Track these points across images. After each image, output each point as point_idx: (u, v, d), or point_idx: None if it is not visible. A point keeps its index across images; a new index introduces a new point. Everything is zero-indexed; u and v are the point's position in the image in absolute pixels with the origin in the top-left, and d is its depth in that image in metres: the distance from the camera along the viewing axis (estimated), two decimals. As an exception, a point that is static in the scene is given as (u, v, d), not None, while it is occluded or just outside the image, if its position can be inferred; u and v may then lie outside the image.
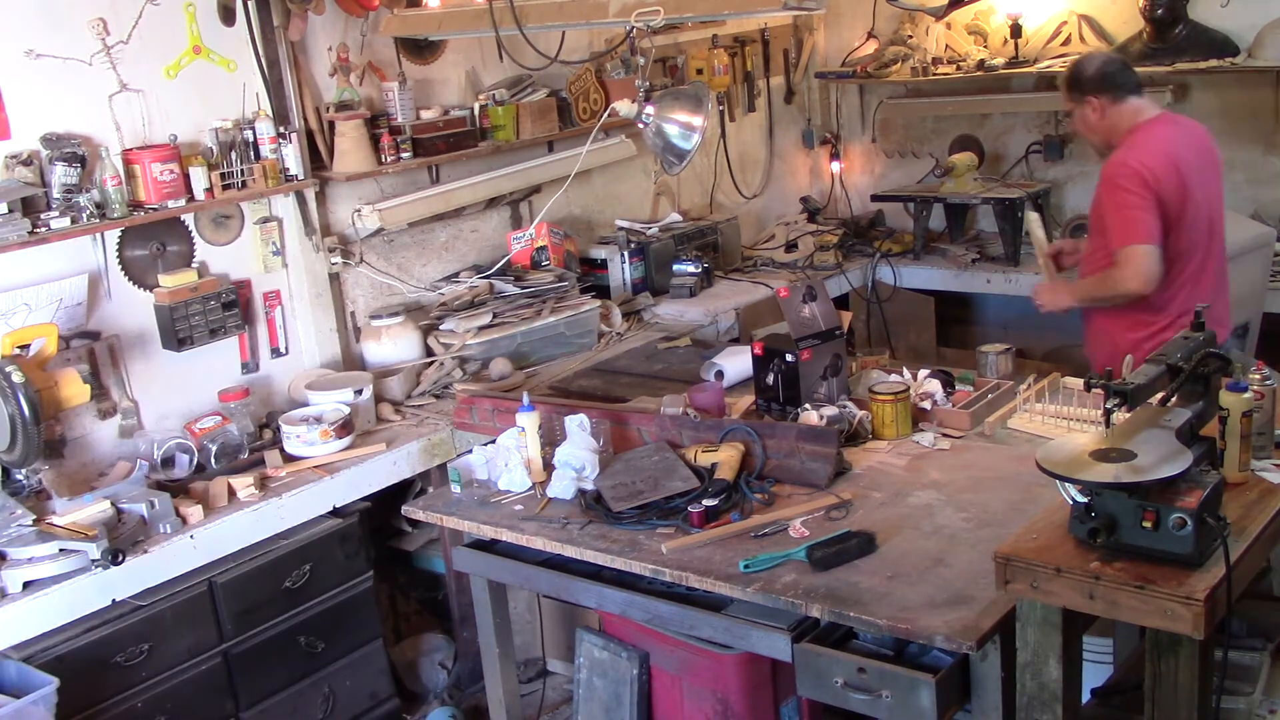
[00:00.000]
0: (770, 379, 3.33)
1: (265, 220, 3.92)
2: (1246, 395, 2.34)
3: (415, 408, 3.96)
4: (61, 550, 2.96)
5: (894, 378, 3.41)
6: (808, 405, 3.25)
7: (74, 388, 3.20)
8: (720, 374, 3.72)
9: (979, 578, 2.40)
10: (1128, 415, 2.33)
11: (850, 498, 2.86)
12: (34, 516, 3.09)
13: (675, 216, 5.33)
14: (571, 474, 3.03)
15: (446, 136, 4.27)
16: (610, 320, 4.52)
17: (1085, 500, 2.14)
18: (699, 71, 5.34)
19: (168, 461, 3.45)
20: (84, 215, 3.33)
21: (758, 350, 3.37)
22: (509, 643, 3.29)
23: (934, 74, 5.63)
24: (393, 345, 4.12)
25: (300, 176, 3.88)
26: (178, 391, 3.70)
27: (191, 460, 3.48)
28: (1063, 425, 3.11)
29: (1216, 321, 3.38)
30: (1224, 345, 3.02)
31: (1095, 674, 3.06)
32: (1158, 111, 3.70)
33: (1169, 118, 3.70)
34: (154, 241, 3.64)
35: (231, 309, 3.73)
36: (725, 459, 2.99)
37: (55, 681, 2.78)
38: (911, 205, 5.60)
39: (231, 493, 3.36)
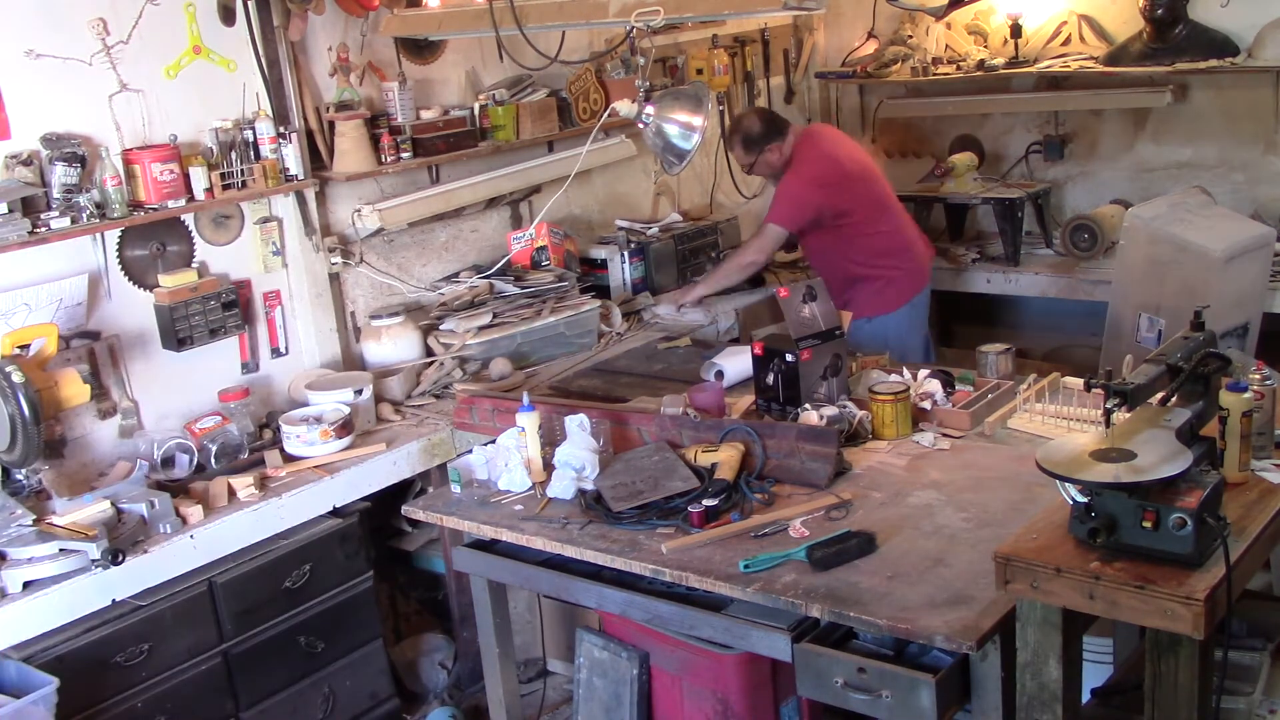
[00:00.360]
0: (770, 379, 3.33)
1: (265, 220, 3.92)
2: (1246, 395, 2.35)
3: (415, 408, 3.95)
4: (61, 550, 2.96)
5: (894, 378, 3.41)
6: (808, 405, 3.25)
7: (74, 388, 3.20)
8: (720, 374, 3.72)
9: (979, 578, 2.40)
10: (1128, 415, 2.33)
11: (850, 498, 2.86)
12: (34, 516, 3.09)
13: (675, 216, 5.33)
14: (571, 474, 3.03)
15: (446, 136, 4.27)
16: (610, 320, 4.53)
17: (1085, 500, 2.14)
18: (699, 71, 5.34)
19: (168, 461, 3.45)
20: (84, 215, 3.33)
21: (758, 350, 3.37)
22: (509, 643, 3.29)
23: (934, 74, 5.63)
24: (393, 345, 4.12)
25: (300, 176, 3.88)
26: (178, 391, 3.70)
27: (191, 460, 3.48)
28: (1063, 425, 3.11)
29: (919, 271, 4.63)
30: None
31: (1095, 674, 3.06)
32: (799, 132, 4.61)
33: (811, 132, 4.71)
34: (154, 241, 3.64)
35: (231, 309, 3.73)
36: (725, 459, 2.99)
37: (55, 681, 2.78)
38: (911, 205, 5.59)
39: (231, 493, 3.36)
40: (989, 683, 2.32)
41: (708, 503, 2.81)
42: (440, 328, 4.22)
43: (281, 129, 3.82)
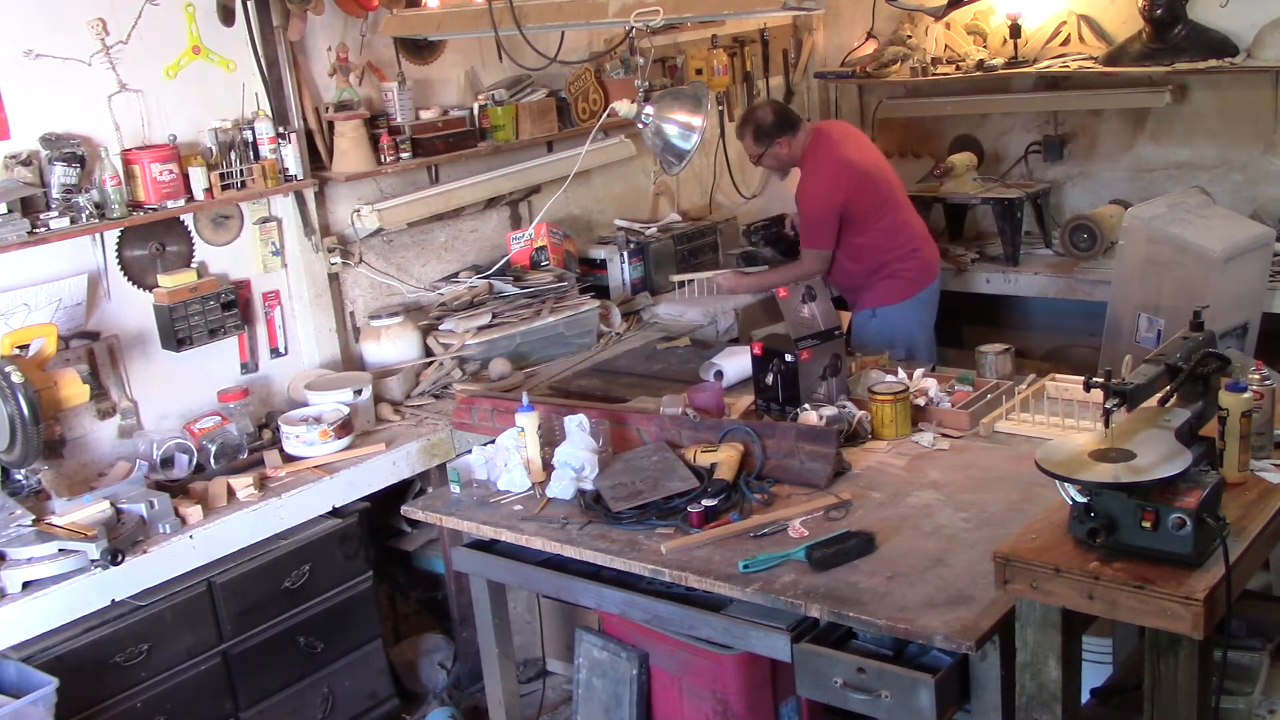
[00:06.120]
0: (770, 379, 3.33)
1: (265, 220, 3.91)
2: (1246, 395, 2.35)
3: (415, 408, 3.95)
4: (61, 550, 2.96)
5: (892, 378, 3.41)
6: (807, 405, 3.25)
7: (73, 388, 3.20)
8: (720, 374, 3.72)
9: (978, 578, 2.40)
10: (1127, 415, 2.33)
11: (850, 498, 2.86)
12: (34, 516, 3.09)
13: (674, 216, 5.33)
14: (571, 474, 3.03)
15: (446, 136, 4.27)
16: (609, 320, 4.53)
17: (1085, 500, 2.14)
18: (698, 71, 5.34)
19: (167, 461, 3.45)
20: (83, 215, 3.33)
21: (757, 350, 3.37)
22: (509, 643, 3.29)
23: (933, 74, 5.63)
24: (392, 345, 4.12)
25: (299, 176, 3.88)
26: (177, 391, 3.70)
27: (191, 460, 3.48)
28: (1057, 424, 3.11)
29: (928, 265, 4.61)
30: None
31: (1095, 674, 3.06)
32: (809, 131, 4.51)
33: (823, 132, 4.53)
34: (153, 241, 3.64)
35: (231, 309, 3.73)
36: (725, 459, 2.99)
37: (55, 681, 2.78)
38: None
39: (231, 493, 3.36)
40: (988, 683, 2.32)
41: (707, 503, 2.81)
42: (440, 328, 4.22)
43: (281, 129, 3.82)
